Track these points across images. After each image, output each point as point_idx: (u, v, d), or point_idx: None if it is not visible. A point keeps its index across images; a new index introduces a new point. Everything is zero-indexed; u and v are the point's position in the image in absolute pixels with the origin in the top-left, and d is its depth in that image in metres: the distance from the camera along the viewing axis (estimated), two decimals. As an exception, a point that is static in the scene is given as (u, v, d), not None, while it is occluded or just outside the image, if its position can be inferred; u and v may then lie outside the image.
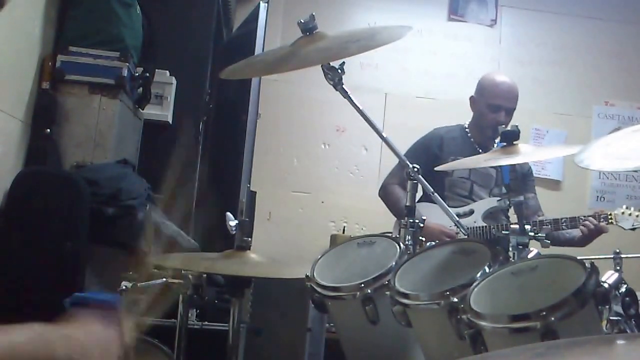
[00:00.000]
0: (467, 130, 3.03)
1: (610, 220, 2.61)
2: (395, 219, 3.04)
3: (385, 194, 3.10)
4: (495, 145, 2.95)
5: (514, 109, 2.91)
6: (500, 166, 2.91)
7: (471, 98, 3.03)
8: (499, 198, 2.92)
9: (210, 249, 1.67)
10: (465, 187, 2.95)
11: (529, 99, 4.50)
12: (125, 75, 2.61)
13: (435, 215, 2.57)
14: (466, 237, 1.94)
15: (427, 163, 1.62)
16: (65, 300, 1.71)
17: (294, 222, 4.41)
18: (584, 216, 2.65)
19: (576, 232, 2.72)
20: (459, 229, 1.91)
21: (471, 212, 2.88)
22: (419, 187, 1.62)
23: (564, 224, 2.64)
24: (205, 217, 3.43)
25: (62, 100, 2.54)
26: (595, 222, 2.62)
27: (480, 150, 2.90)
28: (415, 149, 2.98)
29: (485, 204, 2.92)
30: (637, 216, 2.59)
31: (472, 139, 3.00)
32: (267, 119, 4.33)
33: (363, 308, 1.30)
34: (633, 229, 2.57)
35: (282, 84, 4.41)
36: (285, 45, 1.63)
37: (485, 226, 2.79)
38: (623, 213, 2.60)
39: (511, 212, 2.80)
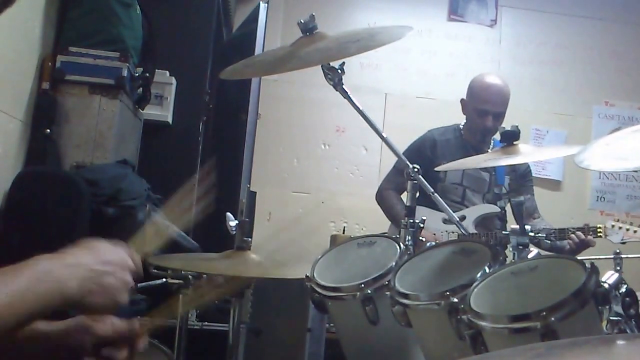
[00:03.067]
0: (461, 131, 3.00)
1: (599, 234, 2.60)
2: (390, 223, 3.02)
3: (380, 199, 3.08)
4: (492, 146, 2.94)
5: (503, 113, 2.85)
6: (494, 169, 2.90)
7: (462, 101, 3.00)
8: (493, 203, 2.90)
9: (210, 249, 1.67)
10: (458, 193, 2.91)
11: (529, 99, 4.51)
12: (125, 75, 2.61)
13: (427, 220, 2.55)
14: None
15: (420, 167, 1.61)
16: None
17: (294, 222, 4.41)
18: (574, 228, 2.61)
19: (565, 242, 2.69)
20: (458, 230, 1.90)
21: (463, 218, 2.82)
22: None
23: (553, 236, 2.61)
24: (205, 217, 3.42)
25: (62, 100, 2.54)
26: (582, 236, 2.59)
27: (474, 153, 2.86)
28: (408, 152, 2.90)
29: (477, 210, 2.88)
30: (627, 230, 2.58)
31: (466, 141, 2.96)
32: (267, 119, 4.33)
33: (363, 308, 1.30)
34: (622, 243, 2.55)
35: (282, 84, 4.41)
36: (285, 45, 1.63)
37: (476, 233, 2.75)
38: (613, 227, 2.59)
39: (510, 216, 2.79)
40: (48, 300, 0.88)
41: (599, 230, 2.60)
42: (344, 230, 4.11)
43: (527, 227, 1.56)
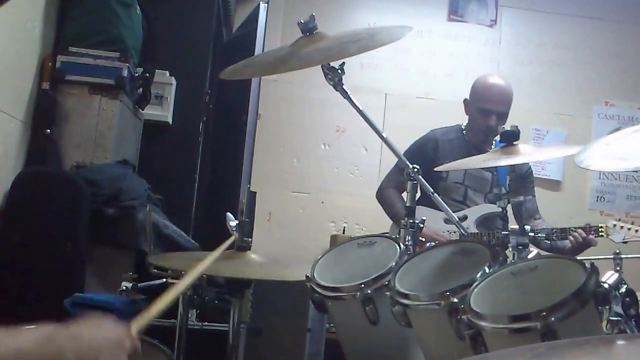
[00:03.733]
0: (464, 132, 3.00)
1: (601, 233, 2.59)
2: (392, 222, 3.02)
3: (381, 197, 3.08)
4: (493, 146, 2.93)
5: (506, 112, 2.85)
6: (495, 169, 2.89)
7: (465, 101, 3.00)
8: (494, 203, 2.90)
9: (210, 249, 1.67)
10: (460, 192, 2.90)
11: (529, 99, 4.51)
12: (125, 75, 2.61)
13: (428, 220, 2.56)
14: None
15: (421, 166, 1.60)
16: (66, 300, 1.71)
17: (294, 222, 4.41)
18: (575, 227, 2.60)
19: (566, 242, 2.68)
20: (459, 230, 1.90)
21: (464, 218, 2.82)
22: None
23: (555, 235, 2.61)
24: (205, 217, 3.43)
25: (62, 100, 2.54)
26: (584, 234, 2.58)
27: (476, 153, 2.86)
28: (410, 151, 2.91)
29: (479, 209, 2.86)
30: (629, 229, 2.58)
31: (468, 141, 2.95)
32: (267, 119, 4.33)
33: (363, 308, 1.30)
34: (624, 242, 2.55)
35: (282, 84, 4.41)
36: (285, 45, 1.63)
37: (478, 233, 2.74)
38: (614, 226, 2.59)
39: (510, 216, 2.79)
40: None
41: (600, 229, 2.59)
42: (344, 230, 4.12)
43: (527, 227, 1.56)
